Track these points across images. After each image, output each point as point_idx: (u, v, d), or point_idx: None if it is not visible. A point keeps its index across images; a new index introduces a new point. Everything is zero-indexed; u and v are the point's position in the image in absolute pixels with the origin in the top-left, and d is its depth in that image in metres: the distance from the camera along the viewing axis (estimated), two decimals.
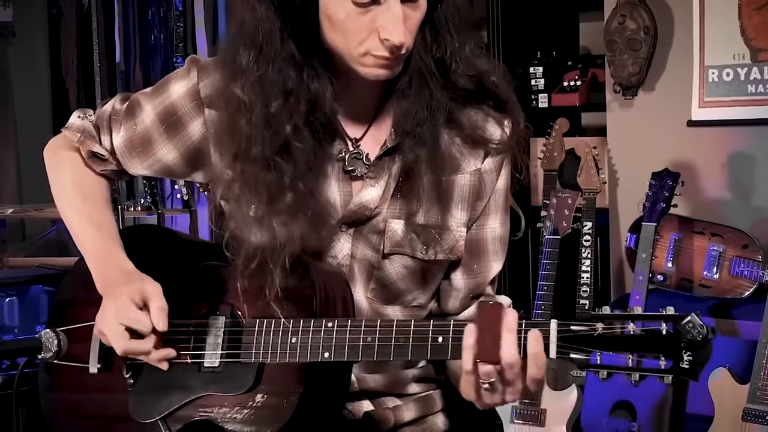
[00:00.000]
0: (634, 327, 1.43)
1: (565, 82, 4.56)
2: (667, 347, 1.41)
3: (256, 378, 1.68)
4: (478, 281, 1.83)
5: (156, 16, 6.24)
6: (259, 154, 1.66)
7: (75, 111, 1.93)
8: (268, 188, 1.66)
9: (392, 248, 1.76)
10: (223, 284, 1.75)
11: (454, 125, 1.74)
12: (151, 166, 1.84)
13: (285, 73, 1.64)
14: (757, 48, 3.91)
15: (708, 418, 3.45)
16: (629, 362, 1.43)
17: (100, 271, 1.78)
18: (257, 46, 1.65)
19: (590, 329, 1.45)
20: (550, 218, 3.70)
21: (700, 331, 1.41)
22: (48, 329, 1.85)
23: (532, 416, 3.61)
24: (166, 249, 1.88)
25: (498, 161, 1.79)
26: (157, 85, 1.83)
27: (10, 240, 6.34)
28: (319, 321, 1.64)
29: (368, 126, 1.76)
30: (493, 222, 1.82)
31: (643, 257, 3.57)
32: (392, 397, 1.86)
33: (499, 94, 1.76)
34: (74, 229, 1.86)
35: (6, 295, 3.07)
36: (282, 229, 1.65)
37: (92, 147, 1.87)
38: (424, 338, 1.57)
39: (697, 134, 4.07)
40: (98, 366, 1.79)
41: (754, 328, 3.43)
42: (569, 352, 1.46)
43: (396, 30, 1.57)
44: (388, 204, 1.75)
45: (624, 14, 4.08)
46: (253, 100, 1.66)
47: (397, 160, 1.74)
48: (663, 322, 1.42)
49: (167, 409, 1.74)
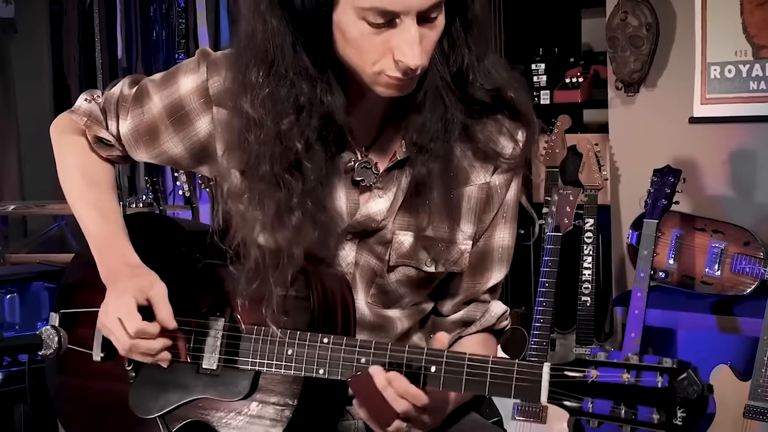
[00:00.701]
0: (629, 376, 1.39)
1: (567, 78, 4.56)
2: (661, 401, 1.37)
3: (251, 386, 1.67)
4: (474, 290, 1.82)
5: (158, 13, 6.24)
6: (268, 172, 1.62)
7: (83, 93, 1.91)
8: (277, 205, 1.63)
9: (398, 260, 1.74)
10: (223, 284, 1.74)
11: (467, 138, 1.70)
12: (157, 156, 1.82)
13: (298, 88, 1.59)
14: (759, 45, 3.91)
15: (709, 415, 3.45)
16: (622, 413, 1.39)
17: (104, 260, 1.78)
18: (268, 61, 1.60)
19: (583, 376, 1.42)
20: (552, 215, 3.70)
21: (696, 390, 1.36)
22: (49, 326, 1.85)
23: (534, 413, 3.61)
24: (168, 239, 1.87)
25: (508, 177, 1.76)
26: (167, 75, 1.80)
27: (11, 236, 6.34)
28: (315, 335, 1.63)
29: (377, 135, 1.73)
30: (500, 234, 1.80)
31: (645, 254, 3.56)
32: None
33: (516, 106, 1.72)
34: (79, 214, 1.84)
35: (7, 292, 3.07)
36: (287, 246, 1.63)
37: (98, 132, 1.86)
38: (417, 365, 1.55)
39: (699, 131, 4.07)
40: (101, 354, 1.79)
41: (756, 325, 3.43)
42: (561, 398, 1.43)
43: (412, 52, 1.52)
44: (395, 216, 1.73)
45: (626, 11, 4.07)
46: (263, 117, 1.61)
47: (407, 172, 1.70)
48: (659, 374, 1.38)
49: (166, 407, 1.75)
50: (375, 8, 1.50)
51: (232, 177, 1.74)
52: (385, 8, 1.49)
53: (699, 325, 3.77)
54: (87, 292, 1.85)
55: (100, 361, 1.80)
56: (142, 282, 1.69)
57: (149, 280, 1.70)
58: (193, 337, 1.73)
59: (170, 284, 1.71)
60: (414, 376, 1.55)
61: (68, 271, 1.97)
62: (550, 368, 1.45)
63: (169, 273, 1.73)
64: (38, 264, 3.60)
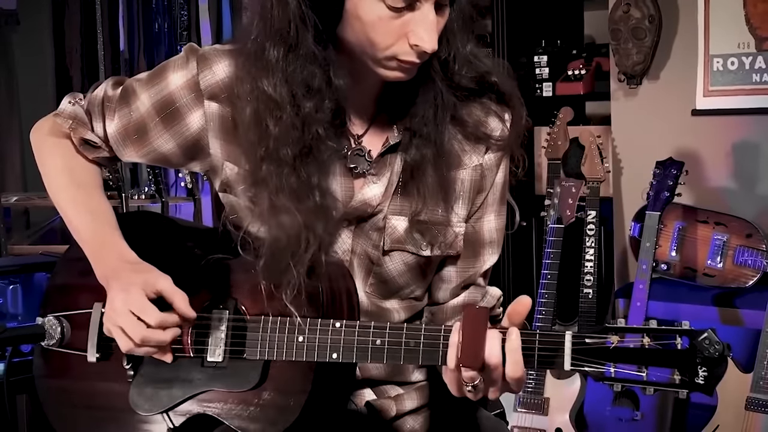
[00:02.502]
0: (649, 341, 1.42)
1: (570, 71, 4.55)
2: (683, 362, 1.41)
3: (261, 375, 1.67)
4: (470, 273, 1.83)
5: (160, 5, 6.24)
6: (288, 155, 1.63)
7: (66, 96, 1.89)
8: (296, 189, 1.64)
9: (392, 245, 1.75)
10: (225, 277, 1.74)
11: (457, 122, 1.74)
12: (147, 155, 1.81)
13: (313, 71, 1.62)
14: (762, 37, 3.90)
15: (711, 407, 3.45)
16: (644, 376, 1.43)
17: (99, 259, 1.75)
18: (288, 42, 1.61)
19: (604, 342, 1.45)
20: (554, 207, 3.70)
21: (717, 348, 1.40)
22: (51, 316, 1.84)
23: (536, 405, 3.62)
24: (166, 238, 1.86)
25: (498, 156, 1.79)
26: (153, 73, 1.79)
27: (14, 228, 6.34)
28: (326, 321, 1.63)
29: (370, 122, 1.75)
30: (490, 216, 1.82)
31: (647, 246, 3.56)
32: (394, 385, 1.86)
33: (502, 89, 1.76)
34: (70, 217, 1.82)
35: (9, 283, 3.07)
36: (306, 229, 1.64)
37: (84, 134, 1.84)
38: (435, 343, 1.57)
39: (702, 123, 4.06)
40: (96, 355, 1.76)
41: (758, 317, 3.43)
42: (583, 364, 1.46)
43: (430, 37, 1.57)
44: (389, 201, 1.74)
45: (629, 3, 4.07)
46: (285, 99, 1.62)
47: (399, 157, 1.73)
48: (678, 337, 1.41)
49: (170, 402, 1.73)
50: None
51: (227, 170, 1.74)
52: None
53: (701, 317, 3.77)
54: (74, 293, 1.83)
55: (95, 362, 1.77)
56: (147, 276, 1.68)
57: (154, 274, 1.69)
58: (196, 331, 1.72)
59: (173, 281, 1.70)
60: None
61: (54, 273, 1.93)
62: (572, 336, 1.47)
63: (168, 269, 1.71)
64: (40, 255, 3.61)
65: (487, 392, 1.55)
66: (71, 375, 1.84)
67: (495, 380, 1.52)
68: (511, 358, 1.50)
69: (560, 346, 1.48)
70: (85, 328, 1.78)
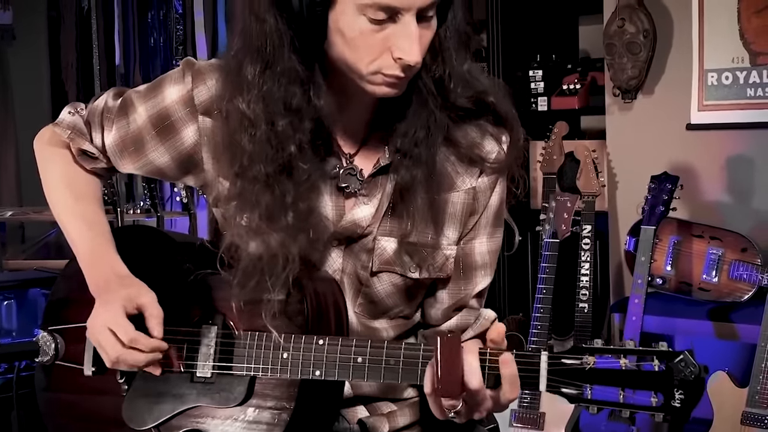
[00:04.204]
0: (626, 362, 1.41)
1: (565, 85, 4.56)
2: (659, 384, 1.40)
3: (247, 391, 1.67)
4: (461, 296, 1.81)
5: (155, 19, 6.24)
6: (261, 173, 1.62)
7: (66, 105, 1.90)
8: (269, 207, 1.63)
9: (381, 266, 1.74)
10: (215, 293, 1.74)
11: (450, 143, 1.71)
12: (143, 167, 1.81)
13: (290, 90, 1.60)
14: (756, 51, 3.91)
15: (707, 421, 3.45)
16: (620, 398, 1.41)
17: (92, 271, 1.76)
18: (264, 60, 1.60)
19: (581, 363, 1.43)
20: (550, 221, 3.70)
21: (693, 371, 1.39)
22: (45, 332, 1.84)
23: (531, 420, 3.61)
24: (158, 252, 1.86)
25: (493, 179, 1.76)
26: (152, 85, 1.80)
27: (9, 242, 6.33)
28: (310, 337, 1.63)
29: (362, 142, 1.74)
30: (483, 238, 1.79)
31: (642, 260, 3.56)
32: (387, 402, 1.85)
33: (498, 110, 1.73)
34: (66, 227, 1.83)
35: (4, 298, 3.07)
36: (282, 248, 1.63)
37: (82, 145, 1.84)
38: (414, 362, 1.56)
39: (697, 137, 4.07)
40: (92, 369, 1.78)
41: (753, 332, 3.43)
42: (560, 386, 1.45)
43: (412, 49, 1.54)
44: (379, 223, 1.73)
45: (623, 18, 4.08)
46: (259, 117, 1.61)
47: (391, 178, 1.71)
48: (655, 358, 1.40)
49: (160, 417, 1.74)
50: (377, 3, 1.51)
51: (219, 185, 1.74)
52: (387, 3, 1.51)
53: (696, 331, 3.77)
54: (74, 307, 1.83)
55: (91, 375, 1.78)
56: (130, 291, 1.69)
57: (137, 289, 1.69)
58: (186, 346, 1.73)
59: (161, 295, 1.70)
60: None
61: (55, 287, 1.95)
62: (548, 357, 1.46)
63: (159, 284, 1.72)
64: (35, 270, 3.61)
65: (471, 415, 1.54)
66: (71, 388, 1.85)
67: (479, 402, 1.52)
68: (509, 382, 1.49)
69: (536, 367, 1.47)
70: (83, 341, 1.78)
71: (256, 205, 1.63)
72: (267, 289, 1.63)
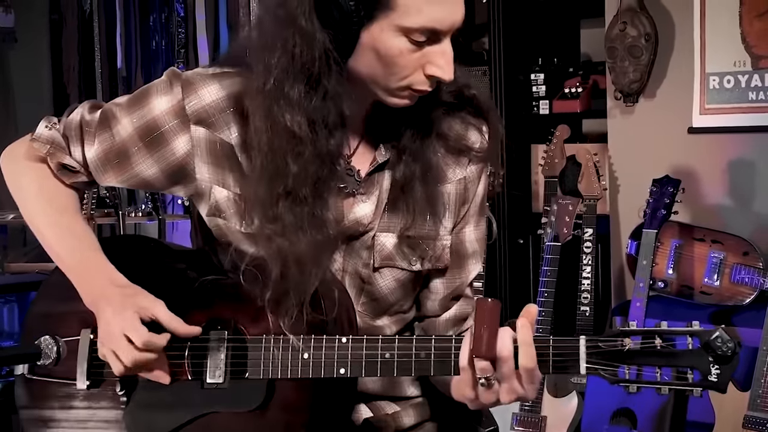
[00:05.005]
0: (661, 342, 1.46)
1: (566, 88, 4.56)
2: (696, 361, 1.45)
3: (266, 395, 1.66)
4: (457, 284, 1.84)
5: (157, 22, 6.24)
6: (307, 193, 1.64)
7: (42, 120, 1.85)
8: (299, 219, 1.64)
9: (382, 262, 1.76)
10: (221, 298, 1.73)
11: (439, 137, 1.76)
12: (127, 180, 1.78)
13: (335, 104, 1.62)
14: (758, 55, 3.91)
15: (708, 425, 3.45)
16: (658, 376, 1.47)
17: (87, 284, 1.73)
18: (311, 76, 1.60)
19: (618, 345, 1.48)
20: (551, 225, 3.70)
21: (729, 347, 1.44)
22: (48, 336, 1.83)
23: (533, 423, 3.61)
24: (157, 261, 1.84)
25: (479, 168, 1.82)
26: (134, 97, 1.78)
27: (11, 246, 6.33)
28: (332, 337, 1.63)
29: (358, 143, 1.75)
30: (471, 226, 1.84)
31: (644, 264, 3.57)
32: (388, 401, 1.85)
33: (478, 101, 1.79)
34: (52, 243, 1.79)
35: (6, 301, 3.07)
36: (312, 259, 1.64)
37: (62, 159, 1.80)
38: (446, 354, 1.58)
39: (698, 141, 4.07)
40: (87, 383, 1.74)
41: (755, 336, 3.43)
42: (598, 368, 1.49)
43: (448, 68, 1.60)
44: (379, 219, 1.75)
45: (625, 21, 4.08)
46: (306, 135, 1.62)
47: (387, 175, 1.74)
48: (689, 337, 1.46)
49: (168, 427, 1.71)
50: (423, 27, 1.56)
51: (216, 194, 1.74)
52: (433, 27, 1.56)
53: None
54: (56, 321, 1.80)
55: (86, 389, 1.75)
56: (140, 300, 1.67)
57: (147, 298, 1.68)
58: (193, 353, 1.71)
59: (166, 302, 1.69)
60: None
61: (34, 302, 1.89)
62: (586, 340, 1.50)
63: (161, 292, 1.70)
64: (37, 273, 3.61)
65: (500, 392, 1.55)
66: (57, 405, 1.81)
67: (507, 375, 1.53)
68: (524, 350, 1.52)
69: (575, 351, 1.51)
70: (72, 355, 1.75)
71: (282, 216, 1.64)
72: (301, 292, 1.63)
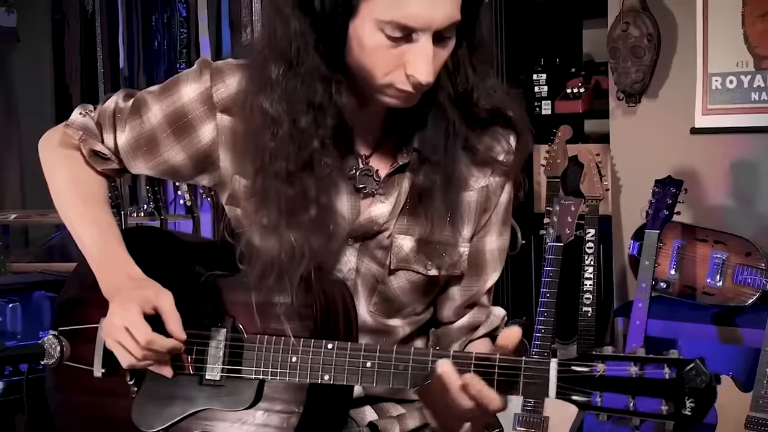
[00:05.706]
0: (636, 369, 1.39)
1: (569, 89, 4.57)
2: (670, 392, 1.38)
3: (256, 395, 1.67)
4: (473, 292, 1.84)
5: (160, 22, 6.25)
6: (283, 169, 1.64)
7: (77, 107, 1.89)
8: (290, 203, 1.65)
9: (398, 264, 1.76)
10: (225, 295, 1.74)
11: (467, 149, 1.74)
12: (157, 167, 1.82)
13: (313, 88, 1.63)
14: (760, 55, 3.91)
15: (711, 426, 3.45)
16: (631, 405, 1.39)
17: (105, 275, 1.76)
18: (287, 60, 1.63)
19: (591, 370, 1.42)
20: (553, 225, 3.70)
21: (704, 380, 1.36)
22: (50, 335, 1.84)
23: (535, 423, 3.61)
24: (168, 253, 1.87)
25: (503, 178, 1.80)
26: (166, 85, 1.80)
27: (13, 245, 6.33)
28: (319, 342, 1.63)
29: (377, 143, 1.76)
30: (492, 236, 1.83)
31: (646, 264, 3.56)
32: (394, 403, 1.86)
33: (514, 123, 1.77)
34: (76, 229, 1.83)
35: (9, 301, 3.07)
36: (301, 244, 1.64)
37: (94, 146, 1.84)
38: (423, 367, 1.56)
39: (701, 142, 4.07)
40: (102, 370, 1.78)
41: (758, 336, 3.43)
42: (569, 393, 1.44)
43: (425, 69, 1.56)
44: (396, 220, 1.75)
45: (627, 21, 4.08)
46: (282, 115, 1.64)
47: (407, 177, 1.74)
48: (666, 366, 1.38)
49: (170, 419, 1.74)
50: (394, 22, 1.53)
51: (235, 183, 1.75)
52: (405, 23, 1.53)
53: (700, 335, 3.77)
54: (85, 307, 1.83)
55: (101, 377, 1.78)
56: (147, 293, 1.69)
57: (155, 290, 1.69)
58: (196, 348, 1.73)
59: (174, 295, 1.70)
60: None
61: (65, 288, 1.95)
62: (557, 364, 1.45)
63: (169, 285, 1.72)
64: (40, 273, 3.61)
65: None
66: (80, 389, 1.85)
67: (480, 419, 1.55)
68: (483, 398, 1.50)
69: (545, 374, 1.46)
70: (94, 342, 1.78)
71: (277, 200, 1.65)
72: (283, 288, 1.64)
